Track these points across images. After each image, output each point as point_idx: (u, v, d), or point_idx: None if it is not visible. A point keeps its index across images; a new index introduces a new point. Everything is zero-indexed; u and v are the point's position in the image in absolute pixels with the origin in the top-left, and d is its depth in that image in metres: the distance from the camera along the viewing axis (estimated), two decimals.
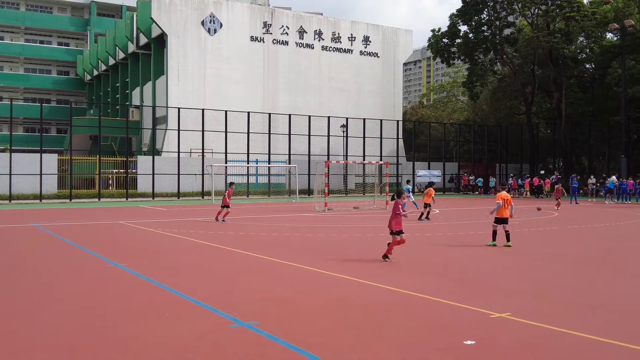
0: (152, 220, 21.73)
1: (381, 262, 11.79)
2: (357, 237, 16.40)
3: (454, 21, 53.49)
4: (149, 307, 7.86)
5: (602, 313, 7.52)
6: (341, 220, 21.91)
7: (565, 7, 47.48)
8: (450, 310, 7.64)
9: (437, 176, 50.31)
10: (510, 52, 54.08)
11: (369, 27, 59.56)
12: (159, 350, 5.92)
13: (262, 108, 49.44)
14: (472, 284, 9.58)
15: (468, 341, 6.14)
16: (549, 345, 6.05)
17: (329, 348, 5.95)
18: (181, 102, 45.78)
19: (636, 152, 46.68)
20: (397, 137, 49.91)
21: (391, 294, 8.66)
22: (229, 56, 51.08)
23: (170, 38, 48.84)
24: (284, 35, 54.21)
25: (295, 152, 43.50)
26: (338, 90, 56.43)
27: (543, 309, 7.72)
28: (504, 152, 54.43)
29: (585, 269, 11.07)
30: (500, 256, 12.89)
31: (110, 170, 42.77)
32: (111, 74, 67.31)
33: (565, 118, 49.40)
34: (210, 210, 27.82)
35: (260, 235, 16.86)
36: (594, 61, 51.65)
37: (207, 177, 38.82)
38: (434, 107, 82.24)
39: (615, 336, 6.30)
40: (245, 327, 6.71)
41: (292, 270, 10.87)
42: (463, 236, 16.74)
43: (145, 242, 15.41)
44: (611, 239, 16.59)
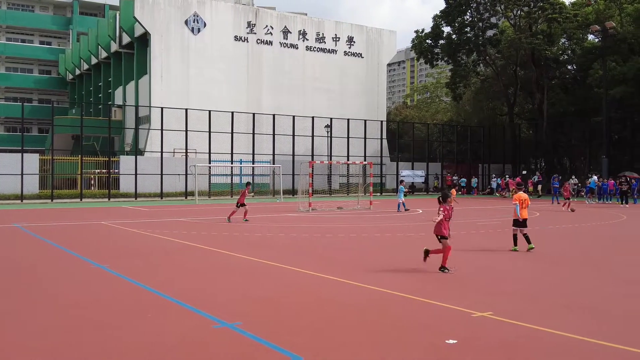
0: (134, 221, 21.59)
1: (363, 262, 11.82)
2: (340, 238, 16.43)
3: (437, 22, 53.79)
4: (132, 308, 7.82)
5: (582, 312, 7.61)
6: (325, 221, 21.93)
7: (548, 9, 47.95)
8: (432, 309, 7.69)
9: (420, 176, 50.55)
10: (493, 54, 54.50)
11: (353, 28, 59.69)
12: (141, 351, 5.90)
13: (246, 108, 49.33)
14: (454, 283, 9.64)
15: (450, 340, 6.19)
16: (530, 345, 6.12)
17: (312, 348, 5.96)
18: (164, 101, 45.55)
19: (617, 153, 47.24)
20: (381, 138, 50.07)
21: (374, 294, 8.69)
22: (212, 56, 50.92)
23: (154, 37, 48.58)
24: (268, 35, 54.15)
25: (279, 152, 43.46)
26: (322, 90, 56.48)
27: (524, 308, 7.80)
28: (486, 153, 54.83)
29: (566, 269, 11.19)
30: (482, 256, 12.99)
31: (93, 170, 42.42)
32: (93, 73, 66.76)
33: (547, 119, 49.88)
34: (194, 210, 27.72)
35: (243, 235, 16.83)
36: (576, 62, 52.23)
37: (190, 177, 38.66)
38: (418, 107, 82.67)
39: (596, 335, 6.38)
40: (229, 328, 6.70)
41: (275, 270, 10.87)
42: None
43: (128, 242, 15.32)
44: (591, 238, 16.78)
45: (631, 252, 13.90)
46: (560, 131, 51.75)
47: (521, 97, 56.29)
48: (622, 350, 5.88)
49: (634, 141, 46.57)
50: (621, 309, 7.81)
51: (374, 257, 12.70)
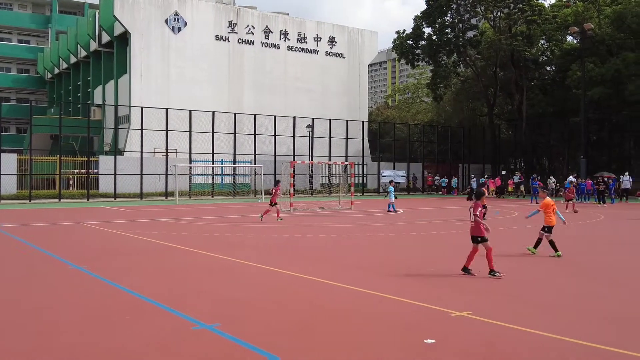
0: (114, 221, 21.41)
1: (343, 262, 11.84)
2: (321, 238, 16.44)
3: (418, 23, 54.05)
4: (110, 309, 7.74)
5: (560, 312, 7.69)
6: (306, 221, 21.92)
7: (527, 11, 48.44)
8: (411, 309, 7.72)
9: (401, 176, 50.75)
10: (473, 55, 54.93)
11: (334, 28, 59.75)
12: (120, 354, 5.84)
13: (227, 108, 49.15)
14: (432, 283, 9.69)
15: (428, 340, 6.21)
16: (508, 344, 6.17)
17: (290, 349, 5.96)
18: (144, 101, 45.22)
19: (595, 153, 47.85)
20: (362, 138, 50.20)
21: (351, 293, 8.71)
22: (193, 55, 50.65)
23: (134, 36, 48.19)
24: (250, 35, 54.00)
25: (260, 152, 43.36)
26: (304, 90, 56.46)
27: (502, 308, 7.86)
28: (466, 153, 55.23)
29: (544, 268, 11.30)
30: (460, 256, 13.07)
31: (71, 170, 41.99)
32: (72, 72, 66.05)
33: (526, 119, 50.38)
34: (174, 211, 27.54)
35: (224, 235, 16.76)
36: (555, 64, 52.81)
37: (170, 177, 38.41)
38: (399, 108, 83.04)
39: (572, 334, 6.45)
40: (207, 329, 6.67)
41: (255, 271, 10.85)
42: (425, 236, 16.93)
43: (106, 243, 15.18)
44: (570, 238, 16.97)
45: (609, 252, 14.08)
46: (539, 132, 52.31)
47: (501, 98, 56.80)
48: (597, 349, 5.95)
49: (611, 142, 47.21)
50: (598, 308, 7.91)
51: (354, 258, 12.72)
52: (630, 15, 42.75)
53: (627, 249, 14.54)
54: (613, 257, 13.00)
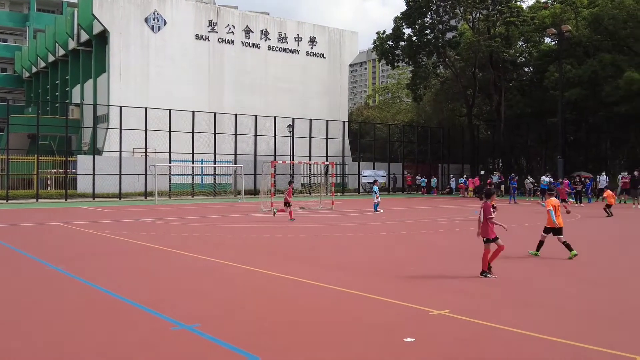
0: (92, 222, 21.21)
1: (324, 261, 11.88)
2: (302, 238, 16.45)
3: (398, 24, 54.28)
4: (88, 311, 7.68)
5: (536, 309, 7.79)
6: (287, 221, 21.91)
7: (506, 12, 48.91)
8: (390, 308, 7.76)
9: (382, 176, 50.95)
10: (452, 56, 55.32)
11: (315, 28, 59.78)
12: (98, 356, 5.81)
13: (208, 107, 48.92)
14: (411, 282, 9.75)
15: (408, 338, 6.26)
16: (486, 342, 6.24)
17: (270, 349, 5.97)
18: (123, 100, 44.80)
19: (572, 153, 48.47)
20: (343, 138, 50.30)
21: (331, 293, 8.74)
22: (173, 54, 50.32)
23: (112, 35, 47.76)
24: (230, 34, 53.79)
25: (241, 152, 43.22)
26: (284, 90, 56.40)
27: (480, 306, 7.94)
28: (446, 153, 55.61)
29: (521, 267, 11.43)
30: (440, 255, 13.18)
31: (49, 170, 41.49)
32: (51, 71, 65.29)
33: (505, 120, 50.86)
34: (154, 211, 27.36)
35: (204, 236, 16.70)
36: (533, 65, 53.38)
37: (150, 177, 38.13)
38: (379, 108, 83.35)
39: (549, 332, 6.54)
40: (187, 330, 6.65)
41: (235, 271, 10.83)
42: (405, 236, 17.02)
43: (84, 244, 15.04)
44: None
45: (585, 251, 14.28)
46: (517, 132, 52.86)
47: (480, 99, 57.29)
48: (575, 347, 6.05)
49: (588, 142, 47.86)
50: (574, 306, 8.02)
51: (335, 257, 12.76)
52: (607, 17, 43.37)
53: (606, 248, 14.76)
54: (592, 256, 13.19)
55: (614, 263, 12.28)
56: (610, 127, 45.39)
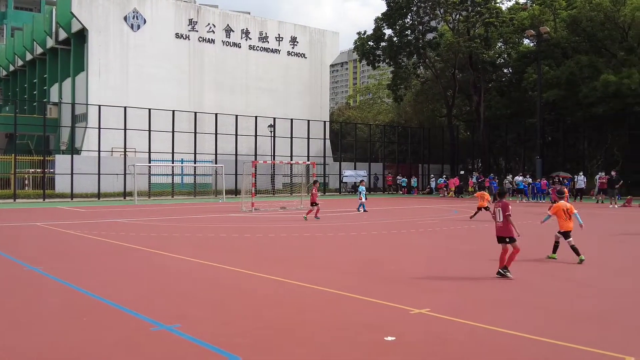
0: (70, 222, 20.98)
1: (305, 261, 11.88)
2: (283, 237, 16.44)
3: (379, 25, 54.52)
4: (67, 311, 7.60)
5: (513, 307, 7.87)
6: (268, 221, 21.89)
7: (485, 14, 49.34)
8: (371, 307, 7.79)
9: (363, 176, 51.07)
10: (433, 57, 55.67)
11: (296, 28, 59.78)
12: (77, 355, 5.75)
13: (188, 107, 48.66)
14: (392, 281, 9.79)
15: (389, 337, 6.29)
16: (465, 340, 6.29)
17: (251, 348, 5.96)
18: (102, 99, 44.39)
19: (550, 153, 49.00)
20: (324, 138, 50.33)
21: (313, 292, 8.75)
22: (153, 53, 49.99)
23: (91, 33, 47.31)
24: (211, 34, 53.58)
25: (222, 151, 43.03)
26: (266, 90, 56.32)
27: (460, 304, 8.01)
28: (426, 153, 55.92)
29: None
30: (420, 254, 13.25)
31: (27, 169, 40.95)
32: (28, 69, 64.51)
33: (484, 120, 51.29)
34: (133, 211, 27.13)
35: (184, 236, 16.60)
36: (512, 66, 53.91)
37: (129, 177, 37.80)
38: (360, 108, 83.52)
39: (524, 329, 6.62)
40: (167, 330, 6.61)
41: (215, 271, 10.78)
42: (386, 235, 17.08)
43: (63, 244, 14.88)
44: (523, 236, 17.34)
45: (561, 249, 14.44)
46: (496, 132, 53.33)
47: (459, 99, 57.71)
48: (551, 344, 6.12)
49: (566, 142, 48.41)
50: (552, 304, 8.12)
51: (315, 257, 12.78)
52: (585, 19, 43.93)
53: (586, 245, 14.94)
54: (571, 255, 13.35)
55: (595, 262, 12.44)
56: (587, 127, 45.99)
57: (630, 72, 39.96)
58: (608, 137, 44.76)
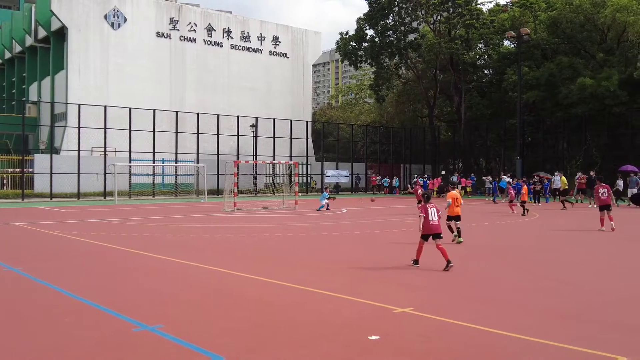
0: (50, 222, 20.74)
1: (287, 261, 11.87)
2: (265, 237, 16.41)
3: (361, 25, 54.67)
4: (48, 312, 7.51)
5: (496, 306, 7.94)
6: (250, 221, 21.83)
7: (466, 15, 49.69)
8: (354, 306, 7.80)
9: (345, 176, 51.15)
10: (414, 57, 55.94)
11: (278, 28, 59.70)
12: (58, 357, 5.68)
13: (169, 106, 48.37)
14: (375, 280, 9.82)
15: (372, 336, 6.30)
16: (449, 338, 6.32)
17: (234, 348, 5.94)
18: (82, 98, 43.97)
19: (530, 154, 49.47)
20: (306, 138, 50.32)
21: (296, 292, 8.74)
22: (133, 52, 49.61)
23: (71, 32, 46.83)
24: (192, 32, 53.33)
25: (203, 151, 42.82)
26: (248, 89, 56.18)
27: (443, 303, 8.06)
28: (408, 153, 56.16)
29: (481, 265, 11.63)
30: (403, 253, 13.31)
31: (5, 169, 40.45)
32: (7, 68, 63.73)
33: (465, 121, 51.65)
34: (113, 211, 26.89)
35: (165, 236, 16.50)
36: (492, 67, 54.35)
37: (109, 176, 37.45)
38: (343, 108, 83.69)
39: (505, 327, 6.67)
40: (150, 331, 6.56)
41: (198, 271, 10.73)
42: (368, 235, 17.12)
43: (43, 244, 14.70)
44: (507, 235, 17.51)
45: (544, 248, 14.61)
46: (476, 133, 53.74)
47: (441, 100, 58.04)
48: (532, 342, 6.18)
49: (545, 143, 48.92)
50: (533, 302, 8.20)
51: (298, 257, 12.77)
52: (564, 21, 44.43)
53: (565, 246, 15.11)
54: (553, 253, 13.50)
55: (574, 261, 12.58)
56: (567, 128, 46.51)
57: (609, 72, 40.47)
58: (587, 137, 45.30)
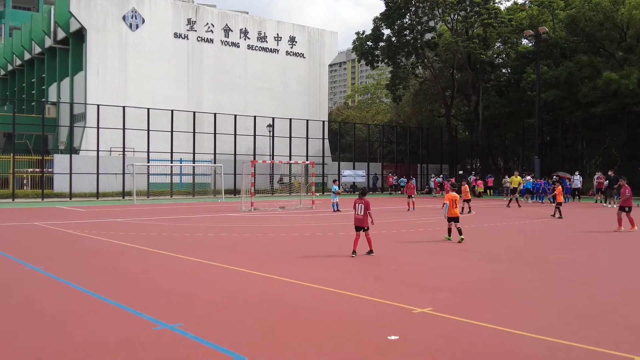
0: (70, 222, 20.96)
1: (306, 261, 11.88)
2: (282, 237, 16.44)
3: (377, 25, 54.55)
4: (68, 311, 7.59)
5: (514, 307, 7.88)
6: (267, 220, 21.88)
7: (484, 14, 49.36)
8: (374, 306, 7.80)
9: (361, 176, 51.07)
10: (431, 56, 55.69)
11: (294, 28, 59.76)
12: (79, 354, 5.74)
13: (187, 106, 48.63)
14: (394, 281, 9.81)
15: (392, 336, 6.29)
16: (468, 339, 6.30)
17: (255, 348, 5.95)
18: (101, 99, 44.35)
19: (549, 153, 49.05)
20: (322, 138, 50.31)
21: (315, 292, 8.75)
22: (151, 53, 49.94)
23: (90, 33, 47.25)
24: (209, 33, 53.55)
25: (220, 151, 43.00)
26: (264, 90, 56.30)
27: (462, 304, 8.02)
28: (424, 153, 55.95)
29: (500, 265, 11.55)
30: (421, 254, 13.26)
31: (25, 169, 40.91)
32: (27, 69, 64.45)
33: (483, 120, 51.31)
34: (132, 210, 27.11)
35: (184, 236, 16.59)
36: (510, 66, 53.92)
37: (128, 176, 37.75)
38: (359, 108, 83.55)
39: (527, 328, 6.63)
40: (170, 329, 6.60)
41: (217, 270, 10.78)
42: (386, 235, 17.09)
43: (63, 244, 14.86)
44: (523, 236, 17.37)
45: (563, 249, 14.48)
46: (494, 132, 53.37)
47: (458, 99, 57.73)
48: (556, 344, 6.13)
49: (564, 142, 48.50)
50: (552, 303, 8.13)
51: (315, 256, 12.77)
52: (583, 19, 43.96)
53: (583, 246, 14.97)
54: (570, 254, 13.37)
55: (588, 261, 12.45)
56: (586, 127, 46.04)
57: (629, 71, 39.99)
58: (606, 137, 44.81)
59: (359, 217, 12.48)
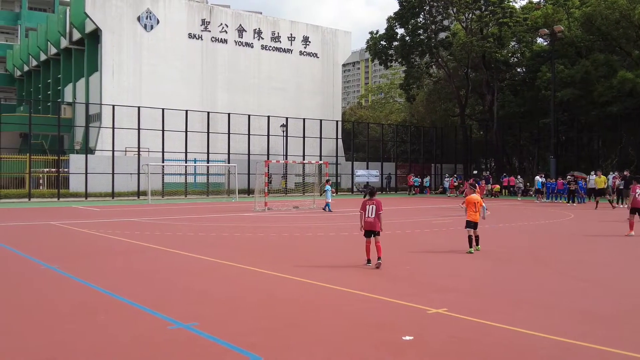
0: (85, 221, 21.12)
1: (319, 260, 11.87)
2: (296, 237, 16.45)
3: (391, 24, 54.41)
4: (84, 309, 7.65)
5: (529, 308, 7.83)
6: (281, 220, 21.91)
7: (498, 13, 49.09)
8: (388, 307, 7.78)
9: (375, 176, 50.98)
10: (445, 56, 55.47)
11: (308, 28, 59.75)
12: (93, 354, 5.78)
13: (201, 106, 48.81)
14: (409, 281, 9.78)
15: (406, 337, 6.28)
16: (483, 339, 6.26)
17: (270, 347, 5.96)
18: (116, 99, 44.63)
19: (564, 153, 48.67)
20: (336, 137, 50.31)
21: (329, 292, 8.74)
22: (166, 53, 50.17)
23: (105, 34, 47.57)
24: (223, 34, 53.69)
25: (234, 151, 43.11)
26: (278, 89, 56.35)
27: (476, 304, 7.97)
28: (439, 153, 55.74)
29: (515, 266, 11.48)
30: (436, 254, 13.21)
31: (41, 169, 41.29)
32: (42, 69, 65.00)
33: (497, 120, 51.03)
34: (147, 210, 27.27)
35: (198, 235, 16.66)
36: (525, 65, 53.57)
37: (143, 176, 37.98)
38: (372, 108, 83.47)
39: (543, 329, 6.58)
40: (185, 328, 6.63)
41: (232, 270, 10.81)
42: (400, 235, 17.05)
43: (78, 243, 14.97)
44: (539, 236, 17.25)
45: (577, 250, 14.36)
46: (509, 132, 53.05)
47: (472, 99, 57.46)
48: (567, 344, 6.08)
49: (580, 142, 48.11)
50: (566, 304, 8.06)
51: (330, 256, 12.77)
52: (599, 18, 43.57)
53: (598, 246, 14.83)
54: (585, 255, 13.26)
55: (606, 262, 12.33)
56: (602, 127, 45.62)
57: None
58: (622, 136, 44.38)
59: (370, 221, 11.00)
